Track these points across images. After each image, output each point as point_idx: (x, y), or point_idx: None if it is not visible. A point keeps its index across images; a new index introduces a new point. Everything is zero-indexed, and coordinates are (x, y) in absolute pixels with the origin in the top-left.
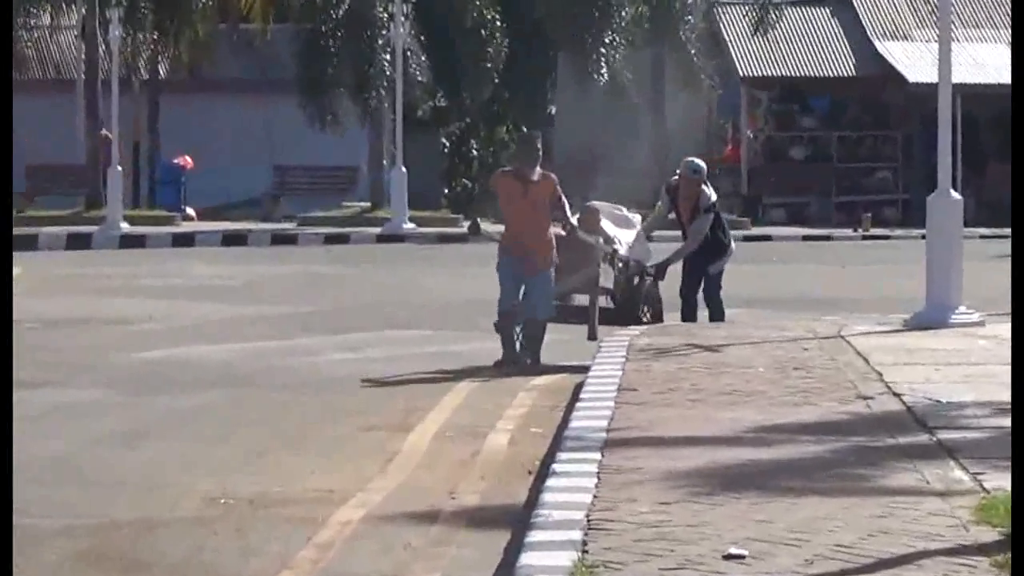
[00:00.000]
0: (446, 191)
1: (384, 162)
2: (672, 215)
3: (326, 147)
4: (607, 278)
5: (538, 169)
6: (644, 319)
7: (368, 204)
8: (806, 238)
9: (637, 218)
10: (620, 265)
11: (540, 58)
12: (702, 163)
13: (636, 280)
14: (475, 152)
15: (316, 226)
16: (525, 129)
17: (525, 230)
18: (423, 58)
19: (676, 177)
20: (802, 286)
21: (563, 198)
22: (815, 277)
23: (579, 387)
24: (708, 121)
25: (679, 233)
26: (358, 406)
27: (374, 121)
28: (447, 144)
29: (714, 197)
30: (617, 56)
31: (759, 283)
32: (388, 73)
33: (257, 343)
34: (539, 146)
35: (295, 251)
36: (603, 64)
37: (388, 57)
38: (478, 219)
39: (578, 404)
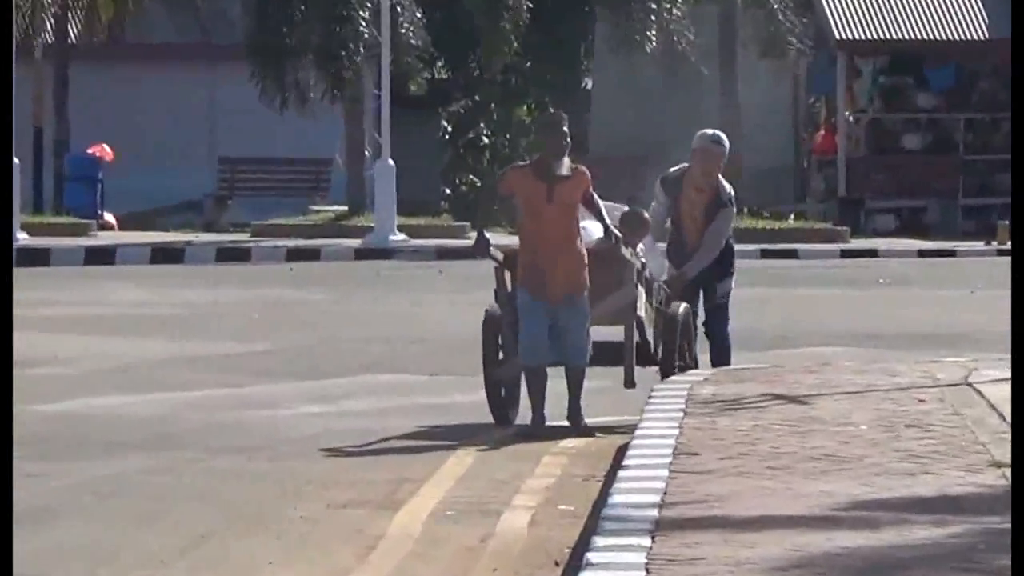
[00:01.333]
0: (447, 191)
1: (365, 153)
2: (668, 223)
3: (288, 134)
4: (640, 304)
5: (566, 161)
6: (681, 362)
7: (344, 208)
8: (923, 253)
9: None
10: (655, 287)
11: (572, 17)
12: (724, 136)
13: (664, 305)
14: (486, 139)
15: (275, 237)
16: (552, 110)
17: (550, 247)
18: (417, 15)
19: (676, 168)
20: (918, 317)
21: (596, 197)
22: (935, 305)
23: (622, 451)
24: (794, 100)
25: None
26: (330, 475)
27: (351, 99)
28: (449, 129)
29: (730, 189)
30: (674, 14)
31: (861, 313)
32: (369, 35)
33: (198, 392)
34: (567, 131)
35: (248, 270)
36: (654, 25)
37: (368, 14)
38: (484, 231)
39: (620, 473)
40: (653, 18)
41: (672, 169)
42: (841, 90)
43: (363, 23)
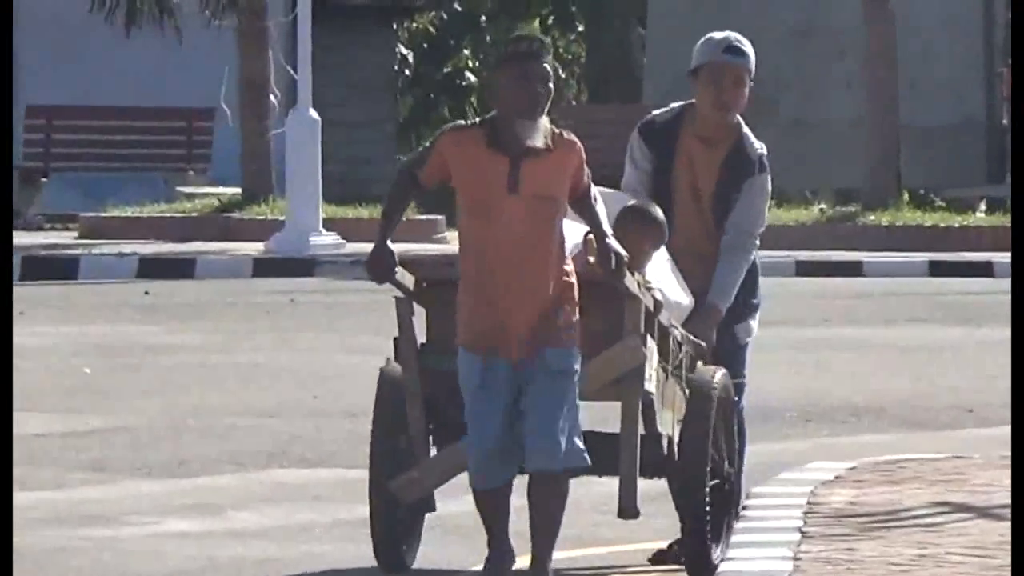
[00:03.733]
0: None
1: (271, 99)
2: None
3: (141, 68)
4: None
5: (544, 123)
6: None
7: (235, 191)
8: None
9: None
10: (673, 338)
11: None
12: (747, 43)
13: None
14: (471, 76)
15: (119, 239)
16: (524, 33)
17: (512, 268)
18: None
19: (666, 110)
20: None
21: (595, 191)
22: None
23: None
24: (986, 12)
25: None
26: None
27: (249, 10)
28: (410, 59)
29: (761, 146)
30: None
31: None
32: None
33: None
34: (547, 68)
35: (74, 295)
36: None
37: None
38: (388, 231)
39: None
40: None
41: (658, 111)
42: None
43: None
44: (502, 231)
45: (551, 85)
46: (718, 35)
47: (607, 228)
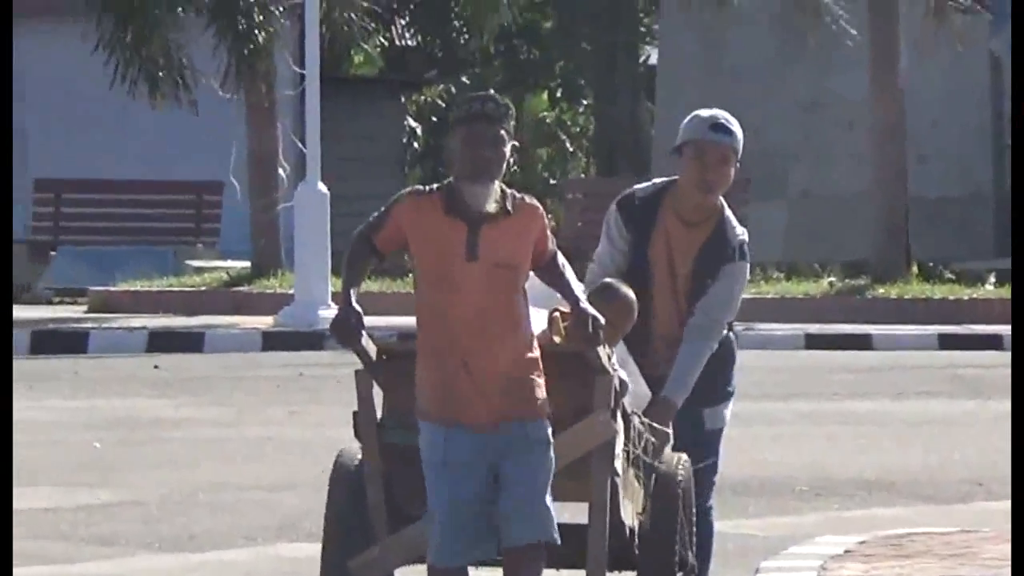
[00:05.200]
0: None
1: (280, 172)
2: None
3: (152, 141)
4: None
5: (500, 188)
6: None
7: (244, 265)
8: None
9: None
10: (633, 424)
11: None
12: (735, 121)
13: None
14: None
15: (129, 313)
16: (491, 93)
17: (473, 340)
18: None
19: (647, 185)
20: None
21: (561, 257)
22: None
23: None
24: (992, 87)
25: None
26: None
27: (255, 84)
28: (418, 130)
29: (742, 232)
30: None
31: None
32: None
33: None
34: (505, 129)
35: (86, 367)
36: None
37: None
38: (352, 292)
39: None
40: None
41: (639, 186)
42: None
43: None
44: (463, 300)
45: (503, 149)
46: (705, 112)
47: (580, 293)
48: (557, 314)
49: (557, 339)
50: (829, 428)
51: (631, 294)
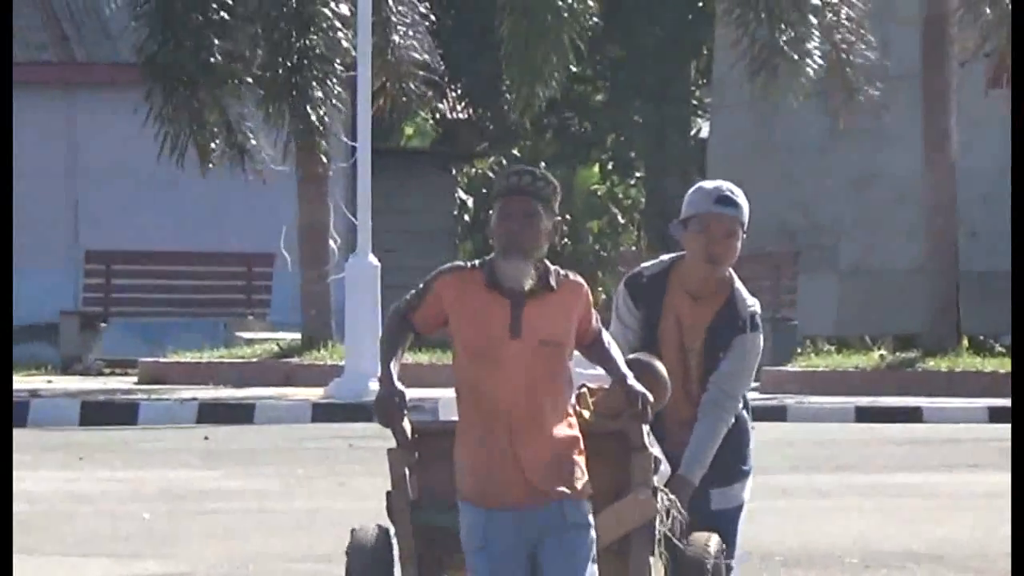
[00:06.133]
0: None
1: (331, 244)
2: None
3: (202, 213)
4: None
5: (544, 264)
6: None
7: (295, 337)
8: None
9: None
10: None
11: (673, 20)
12: (740, 193)
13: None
14: None
15: (178, 384)
16: (524, 166)
17: (515, 418)
18: (420, 12)
19: (655, 263)
20: None
21: (606, 335)
22: None
23: None
24: None
25: None
26: None
27: (308, 156)
28: (469, 203)
29: (753, 303)
30: (843, 18)
31: None
32: (333, 44)
33: None
34: (549, 203)
35: (136, 438)
36: (815, 32)
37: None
38: (392, 366)
39: None
40: (814, 19)
41: (647, 264)
42: None
43: (339, 27)
44: (506, 378)
45: (539, 224)
46: (709, 184)
47: (627, 370)
48: (585, 390)
49: (586, 414)
50: (878, 500)
51: (663, 368)
